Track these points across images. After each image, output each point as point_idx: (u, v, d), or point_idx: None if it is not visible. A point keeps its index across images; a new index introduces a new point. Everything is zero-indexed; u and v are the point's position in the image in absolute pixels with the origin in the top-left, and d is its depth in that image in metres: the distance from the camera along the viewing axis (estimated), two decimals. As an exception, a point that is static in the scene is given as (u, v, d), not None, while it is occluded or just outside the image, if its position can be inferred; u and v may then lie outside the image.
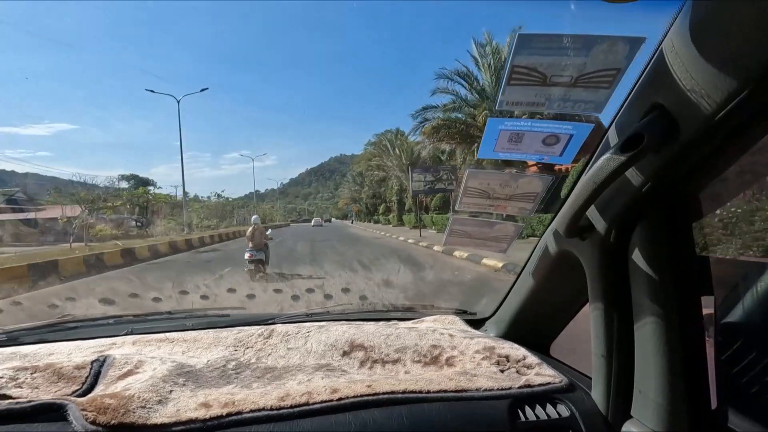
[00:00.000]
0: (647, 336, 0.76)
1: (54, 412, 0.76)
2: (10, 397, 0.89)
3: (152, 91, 34.77)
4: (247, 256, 8.72)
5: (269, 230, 9.50)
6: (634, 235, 0.76)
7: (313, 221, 74.13)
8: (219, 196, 55.45)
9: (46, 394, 0.91)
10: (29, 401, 0.77)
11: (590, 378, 0.96)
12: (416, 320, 1.44)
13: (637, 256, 0.76)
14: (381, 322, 1.38)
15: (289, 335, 1.24)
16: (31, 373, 0.96)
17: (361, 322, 1.35)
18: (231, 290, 1.90)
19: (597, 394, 0.91)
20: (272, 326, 1.30)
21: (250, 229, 9.16)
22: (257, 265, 8.70)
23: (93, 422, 0.74)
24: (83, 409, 0.76)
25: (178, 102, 32.32)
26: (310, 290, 1.81)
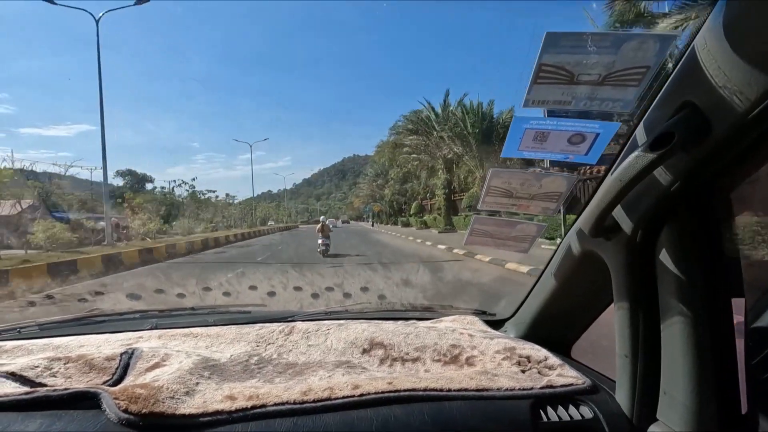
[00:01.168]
0: (674, 337, 0.75)
1: (88, 399, 0.79)
2: (46, 386, 0.93)
3: (51, 2, 19.06)
4: (319, 241, 14.83)
5: (332, 225, 18.56)
6: (662, 235, 0.75)
7: (327, 222, 70.06)
8: (189, 186, 39.63)
9: (78, 383, 0.95)
10: (65, 389, 0.81)
11: (613, 381, 0.95)
12: (435, 320, 1.45)
13: (664, 257, 0.74)
14: (400, 321, 1.39)
15: (309, 332, 1.25)
16: (65, 363, 1.00)
17: (380, 321, 1.36)
18: (252, 287, 1.93)
19: (621, 395, 0.90)
20: (292, 323, 1.32)
21: (320, 225, 15.60)
22: (326, 248, 14.65)
23: (125, 410, 0.76)
24: (116, 398, 0.78)
25: (97, 22, 20.24)
26: (329, 288, 1.83)
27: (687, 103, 0.60)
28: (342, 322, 1.34)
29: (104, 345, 1.20)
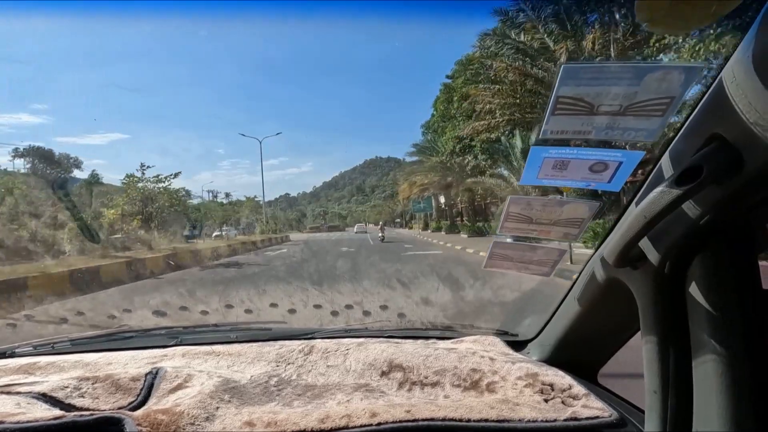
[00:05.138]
0: (708, 375, 0.71)
1: (112, 425, 0.82)
2: (74, 407, 0.97)
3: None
4: (379, 235, 25.76)
5: (385, 227, 28.24)
6: (692, 267, 0.71)
7: (356, 227, 50.86)
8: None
9: (105, 404, 0.98)
10: (92, 414, 0.83)
11: (642, 411, 0.90)
12: (455, 340, 1.42)
13: (695, 290, 0.71)
14: (419, 341, 1.38)
15: (328, 352, 1.25)
16: (93, 384, 1.04)
17: (400, 340, 1.35)
18: (273, 305, 1.97)
19: (650, 431, 0.86)
20: (312, 341, 1.33)
21: (380, 225, 28.74)
22: (384, 239, 24.10)
23: None
24: (138, 424, 0.80)
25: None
26: (349, 306, 1.84)
27: (715, 136, 0.58)
28: (361, 340, 1.33)
29: (131, 363, 1.24)
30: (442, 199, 36.14)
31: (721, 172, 0.56)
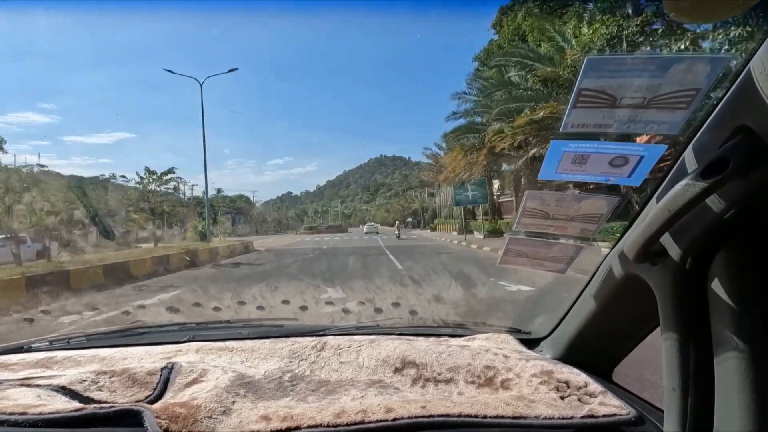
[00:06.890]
0: (729, 373, 0.70)
1: (131, 417, 0.83)
2: (93, 399, 0.98)
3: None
4: (396, 233, 34.51)
5: (401, 226, 39.60)
6: (714, 263, 0.70)
7: (366, 227, 48.02)
8: None
9: (122, 398, 0.99)
10: (111, 406, 0.84)
11: (661, 410, 0.89)
12: (467, 338, 1.42)
13: (717, 286, 0.70)
14: (432, 338, 1.37)
15: (341, 349, 1.26)
16: (110, 377, 1.05)
17: (412, 337, 1.35)
18: (285, 302, 1.98)
19: (670, 429, 0.85)
20: (324, 338, 1.33)
21: (396, 225, 39.12)
22: (399, 235, 32.23)
23: (166, 430, 0.79)
24: (157, 417, 0.81)
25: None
26: (360, 303, 1.85)
27: (742, 128, 0.56)
28: (373, 337, 1.33)
29: (146, 358, 1.25)
30: (495, 185, 23.66)
31: (748, 164, 0.55)
